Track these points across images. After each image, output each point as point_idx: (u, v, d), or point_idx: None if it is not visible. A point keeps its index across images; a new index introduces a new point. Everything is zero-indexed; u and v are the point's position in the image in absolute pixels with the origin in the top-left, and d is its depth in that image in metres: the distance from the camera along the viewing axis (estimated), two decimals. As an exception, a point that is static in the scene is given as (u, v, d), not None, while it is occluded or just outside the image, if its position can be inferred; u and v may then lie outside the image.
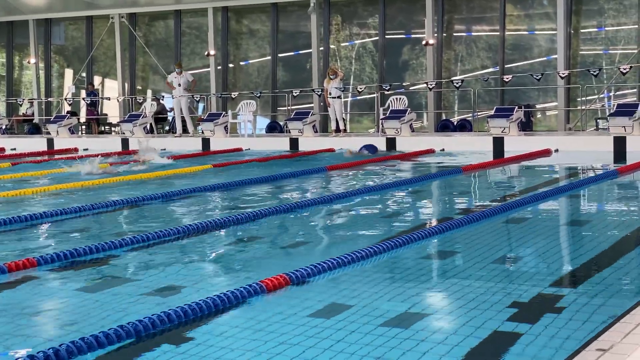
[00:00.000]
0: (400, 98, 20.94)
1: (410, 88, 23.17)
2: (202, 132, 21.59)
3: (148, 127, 22.56)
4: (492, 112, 18.84)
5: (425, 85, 21.08)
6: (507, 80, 19.94)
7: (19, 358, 3.86)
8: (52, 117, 24.51)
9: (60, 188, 11.72)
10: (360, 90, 21.67)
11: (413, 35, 23.78)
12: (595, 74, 19.01)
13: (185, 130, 22.19)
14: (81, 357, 4.04)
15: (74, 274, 6.13)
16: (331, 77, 20.27)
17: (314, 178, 13.00)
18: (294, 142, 19.60)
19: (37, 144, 22.30)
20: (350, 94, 23.69)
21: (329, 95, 20.22)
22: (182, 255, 6.83)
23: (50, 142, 22.25)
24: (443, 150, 17.66)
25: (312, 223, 8.73)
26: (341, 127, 20.41)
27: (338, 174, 13.53)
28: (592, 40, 21.89)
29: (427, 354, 3.99)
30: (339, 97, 20.22)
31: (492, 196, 10.57)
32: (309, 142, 19.46)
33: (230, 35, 25.86)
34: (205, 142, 20.56)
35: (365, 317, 4.66)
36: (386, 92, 21.48)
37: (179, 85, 21.81)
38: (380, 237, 7.45)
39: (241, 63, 26.21)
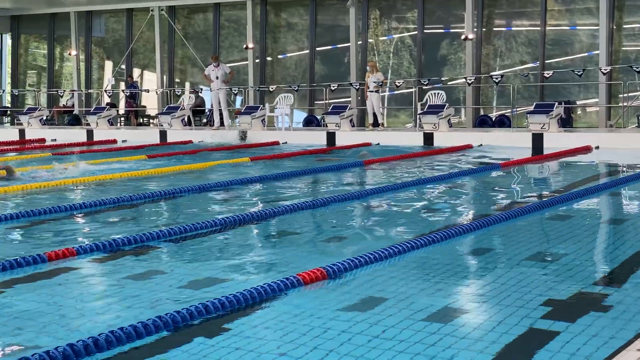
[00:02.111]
0: (438, 93, 20.82)
1: (449, 83, 23.03)
2: (240, 125, 21.66)
3: (186, 119, 22.68)
4: (531, 108, 18.65)
5: (463, 80, 20.93)
6: (547, 75, 19.72)
7: (58, 347, 3.90)
8: (92, 109, 24.75)
9: (101, 179, 11.83)
10: (398, 84, 21.60)
11: (452, 30, 23.63)
12: (638, 70, 18.74)
13: (222, 123, 22.27)
14: (120, 347, 4.07)
15: (113, 264, 6.18)
16: (370, 70, 20.34)
17: (351, 172, 12.98)
18: (330, 136, 19.58)
19: (77, 135, 22.54)
20: (387, 88, 23.60)
21: (367, 89, 20.26)
22: (218, 248, 6.86)
23: (89, 133, 22.48)
24: (481, 145, 17.54)
25: (349, 217, 8.72)
26: (379, 120, 20.43)
27: (375, 168, 13.50)
28: (635, 36, 21.57)
29: (463, 351, 3.97)
30: (377, 91, 20.21)
31: (530, 193, 10.47)
32: (346, 136, 19.43)
33: (269, 28, 25.90)
34: (243, 135, 20.61)
35: (402, 312, 4.64)
36: (424, 87, 21.37)
37: (217, 77, 21.90)
38: (417, 232, 7.42)
39: (279, 56, 26.24)
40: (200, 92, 25.01)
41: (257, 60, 25.67)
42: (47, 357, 3.79)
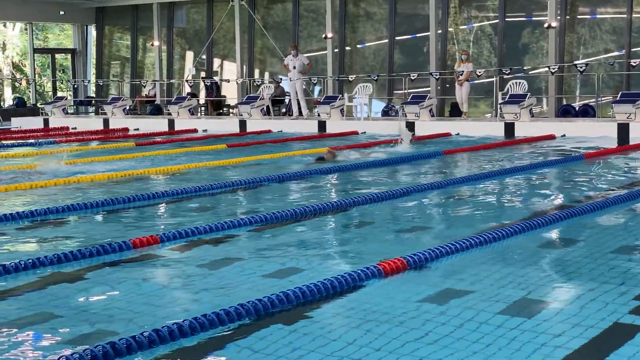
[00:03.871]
0: (520, 82, 20.48)
1: (530, 72, 22.62)
2: (318, 115, 21.70)
3: (265, 109, 22.84)
4: (617, 97, 18.18)
5: (546, 69, 20.52)
6: (634, 64, 19.18)
7: (144, 332, 3.98)
8: (173, 98, 25.14)
9: (183, 168, 12.03)
10: (479, 74, 21.34)
11: (534, 18, 23.19)
12: None
13: (301, 112, 22.36)
14: (203, 333, 4.13)
15: (195, 251, 6.27)
16: (462, 58, 20.44)
17: (431, 162, 12.89)
18: (410, 126, 19.46)
19: (158, 124, 22.94)
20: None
21: (457, 78, 20.25)
22: (298, 237, 6.89)
23: (171, 122, 22.84)
24: (564, 136, 17.19)
25: (429, 207, 8.66)
26: (464, 109, 20.35)
27: (455, 158, 13.37)
28: None
29: (545, 346, 3.90)
30: (467, 80, 20.12)
31: (615, 185, 10.21)
32: (425, 125, 19.29)
33: (348, 18, 25.86)
34: (322, 124, 20.67)
35: (483, 304, 4.58)
36: (505, 76, 21.05)
37: (294, 67, 21.97)
38: (498, 223, 7.32)
39: (358, 46, 26.18)
40: (280, 82, 25.14)
41: (336, 50, 25.66)
42: (134, 342, 3.87)
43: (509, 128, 18.32)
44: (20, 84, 34.62)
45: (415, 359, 3.76)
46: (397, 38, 24.99)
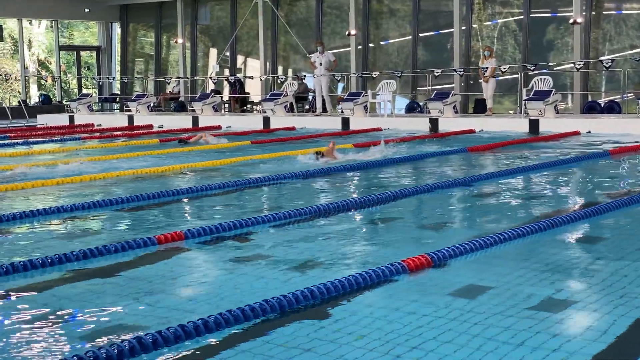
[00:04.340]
0: (545, 79, 20.36)
1: (555, 68, 22.47)
2: (342, 112, 21.69)
3: (288, 105, 22.87)
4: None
5: (571, 65, 20.39)
6: (660, 60, 19.00)
7: (169, 327, 4.01)
8: (197, 95, 25.23)
9: (205, 165, 12.08)
10: (503, 70, 21.24)
11: (559, 14, 23.03)
12: None
13: (325, 109, 22.36)
14: (228, 329, 4.16)
15: (219, 247, 6.31)
16: (485, 54, 20.42)
17: (455, 159, 12.85)
18: (433, 123, 19.41)
19: (182, 121, 23.03)
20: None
21: (483, 74, 20.23)
22: (322, 234, 6.90)
23: (195, 119, 22.92)
24: (589, 132, 17.07)
25: (453, 204, 8.64)
26: (489, 105, 20.29)
27: (479, 155, 13.32)
28: None
29: (568, 343, 3.88)
30: (493, 76, 20.06)
31: (641, 181, 10.13)
32: (449, 122, 19.23)
33: (371, 15, 25.82)
34: (345, 121, 20.66)
35: (507, 301, 4.58)
36: (530, 72, 20.94)
37: (320, 64, 21.98)
38: (523, 220, 7.30)
39: (381, 43, 26.15)
40: (304, 79, 25.16)
41: (359, 47, 25.63)
42: (160, 337, 3.91)
43: (534, 125, 18.22)
44: (46, 81, 34.94)
45: (438, 356, 3.76)
46: (420, 35, 24.92)
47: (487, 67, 20.22)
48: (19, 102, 29.23)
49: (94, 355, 3.69)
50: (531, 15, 23.01)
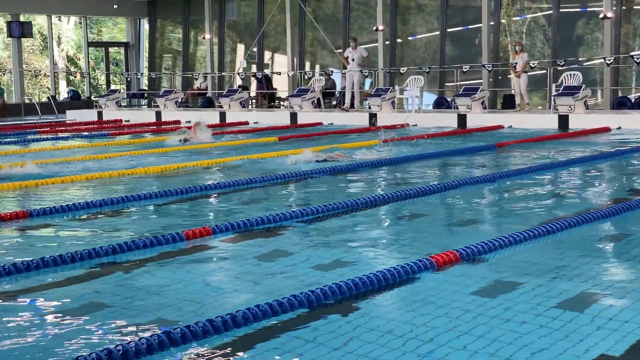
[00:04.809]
0: (574, 74, 20.17)
1: (585, 64, 22.27)
2: (369, 107, 21.65)
3: (316, 101, 22.86)
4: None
5: (601, 60, 20.18)
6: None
7: (198, 322, 4.01)
8: (225, 91, 25.29)
9: (232, 160, 12.10)
10: (532, 65, 21.08)
11: (589, 9, 22.81)
12: None
13: (353, 104, 22.32)
14: (257, 323, 4.15)
15: (247, 243, 6.31)
16: (517, 49, 20.32)
17: (483, 155, 12.77)
18: (461, 119, 19.31)
19: (210, 116, 23.08)
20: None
21: (514, 70, 20.14)
22: (350, 229, 6.88)
23: (222, 115, 22.98)
24: (619, 128, 16.89)
25: (482, 200, 8.58)
26: (517, 101, 20.21)
27: (508, 151, 13.23)
28: None
29: (601, 341, 3.84)
30: (525, 71, 19.95)
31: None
32: (477, 118, 19.12)
33: (399, 10, 25.73)
34: (372, 117, 20.61)
35: (537, 298, 4.54)
36: (560, 68, 20.76)
37: (353, 60, 21.96)
38: (552, 216, 7.23)
39: (409, 38, 26.05)
40: (331, 74, 25.13)
41: (387, 42, 25.57)
42: (188, 332, 3.91)
43: (563, 120, 18.06)
44: (75, 77, 35.19)
45: (468, 352, 3.73)
46: (448, 30, 24.80)
47: (515, 63, 20.08)
48: (48, 98, 29.49)
49: (122, 349, 3.71)
50: (560, 10, 22.81)
